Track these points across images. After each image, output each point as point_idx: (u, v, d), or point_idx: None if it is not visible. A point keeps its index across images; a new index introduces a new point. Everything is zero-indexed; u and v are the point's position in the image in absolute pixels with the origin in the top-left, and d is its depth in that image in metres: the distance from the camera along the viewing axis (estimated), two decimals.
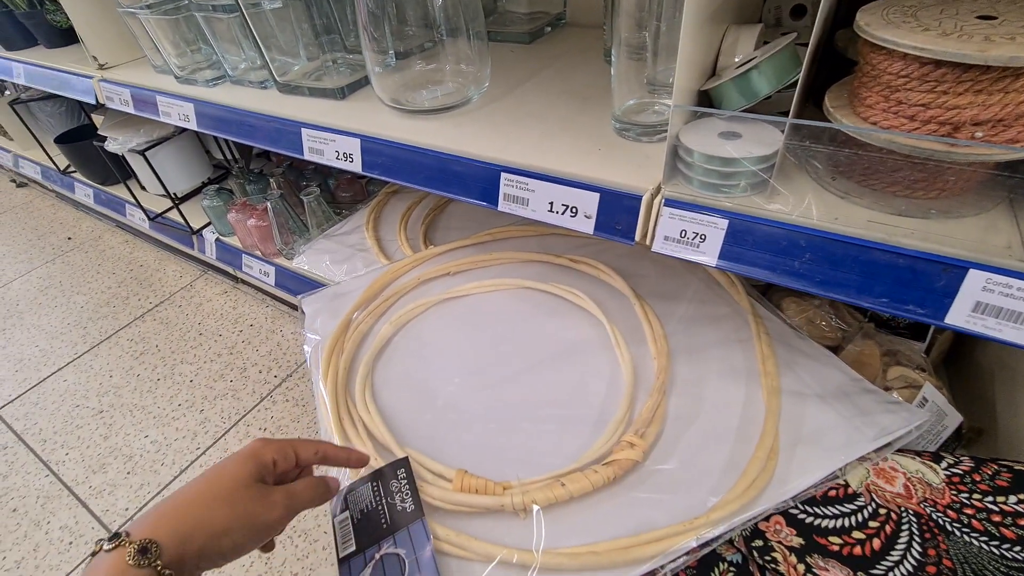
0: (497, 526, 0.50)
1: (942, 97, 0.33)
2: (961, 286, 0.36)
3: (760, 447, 0.50)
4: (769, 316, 0.65)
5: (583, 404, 0.60)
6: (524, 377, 0.65)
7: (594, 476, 0.50)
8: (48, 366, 1.27)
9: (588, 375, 0.64)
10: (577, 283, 0.75)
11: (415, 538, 0.47)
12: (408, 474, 0.52)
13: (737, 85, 0.44)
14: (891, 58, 0.34)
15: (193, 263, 1.52)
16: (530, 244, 0.86)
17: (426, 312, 0.77)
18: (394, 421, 0.62)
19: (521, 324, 0.72)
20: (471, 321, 0.74)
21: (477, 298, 0.78)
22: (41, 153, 1.67)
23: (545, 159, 0.53)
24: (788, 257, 0.41)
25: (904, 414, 0.50)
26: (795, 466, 0.49)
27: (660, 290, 0.73)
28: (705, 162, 0.42)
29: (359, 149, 0.65)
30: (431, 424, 0.61)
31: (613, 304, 0.71)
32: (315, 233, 1.08)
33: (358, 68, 0.76)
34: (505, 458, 0.56)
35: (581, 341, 0.68)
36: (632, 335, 0.67)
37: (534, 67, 0.75)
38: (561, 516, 0.50)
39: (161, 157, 1.21)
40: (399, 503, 0.50)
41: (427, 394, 0.65)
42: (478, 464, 0.55)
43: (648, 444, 0.53)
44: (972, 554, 0.40)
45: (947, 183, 0.36)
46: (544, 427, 0.59)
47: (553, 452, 0.56)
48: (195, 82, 0.85)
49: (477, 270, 0.82)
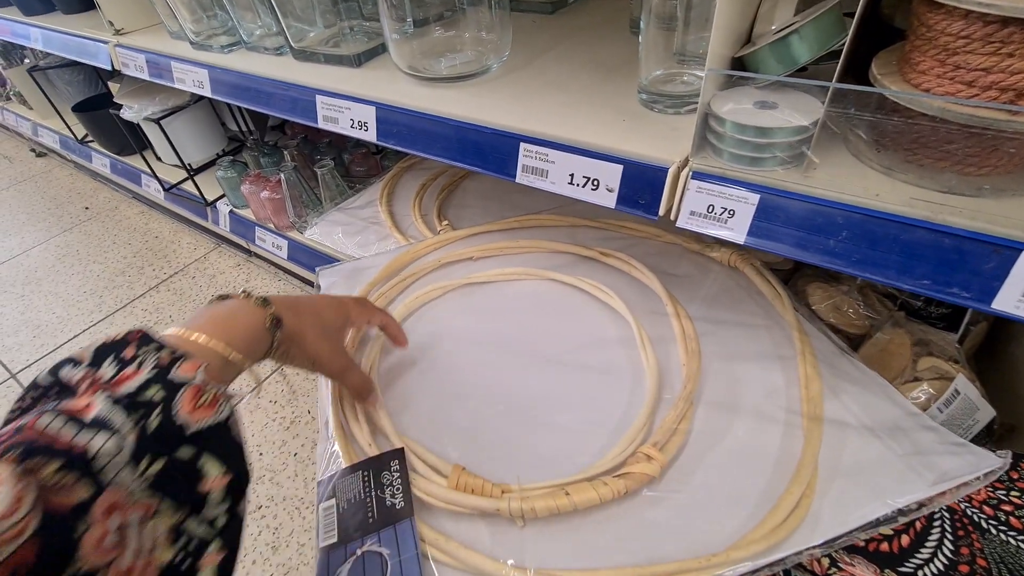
0: (491, 531, 0.46)
1: (1007, 60, 0.30)
2: (1012, 269, 0.33)
3: (795, 481, 0.44)
4: (815, 333, 0.59)
5: (601, 408, 0.55)
6: (540, 373, 0.61)
7: (602, 488, 0.45)
8: (64, 332, 1.28)
9: (610, 377, 0.59)
10: (606, 278, 0.70)
11: (401, 538, 0.44)
12: (402, 467, 0.49)
13: (775, 51, 0.42)
14: (951, 17, 0.31)
15: (207, 235, 1.52)
16: (559, 234, 0.81)
17: (444, 296, 0.73)
18: (396, 406, 0.58)
19: (542, 317, 0.68)
20: (490, 309, 0.70)
21: (498, 286, 0.74)
22: (59, 122, 1.68)
23: (566, 129, 0.50)
24: (823, 235, 0.39)
25: (970, 457, 0.43)
26: (834, 507, 0.42)
27: (694, 293, 0.67)
28: (738, 132, 0.40)
29: (374, 117, 0.63)
30: (435, 413, 0.58)
31: (643, 303, 0.66)
32: (329, 206, 1.06)
33: (375, 35, 0.74)
34: (510, 458, 0.52)
35: (605, 340, 0.63)
36: (661, 337, 0.61)
37: (556, 37, 0.72)
38: (561, 530, 0.45)
39: (176, 126, 1.20)
40: (389, 498, 0.47)
41: (435, 381, 0.61)
42: (480, 461, 0.51)
43: (667, 459, 0.48)
44: (1009, 553, 0.38)
45: (1003, 157, 0.33)
46: (556, 429, 0.54)
47: (563, 457, 0.51)
48: (210, 48, 0.83)
49: (501, 256, 0.78)
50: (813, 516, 0.42)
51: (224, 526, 0.31)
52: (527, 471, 0.50)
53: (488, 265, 0.76)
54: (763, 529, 0.41)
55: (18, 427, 0.26)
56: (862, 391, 0.52)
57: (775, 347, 0.58)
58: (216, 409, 0.32)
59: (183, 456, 0.30)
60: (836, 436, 0.48)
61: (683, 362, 0.57)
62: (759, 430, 0.51)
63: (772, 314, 0.62)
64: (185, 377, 0.32)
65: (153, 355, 0.32)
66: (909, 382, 0.54)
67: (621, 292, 0.66)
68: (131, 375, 0.31)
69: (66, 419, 0.27)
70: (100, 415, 0.28)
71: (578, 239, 0.78)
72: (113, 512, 0.27)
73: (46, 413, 0.27)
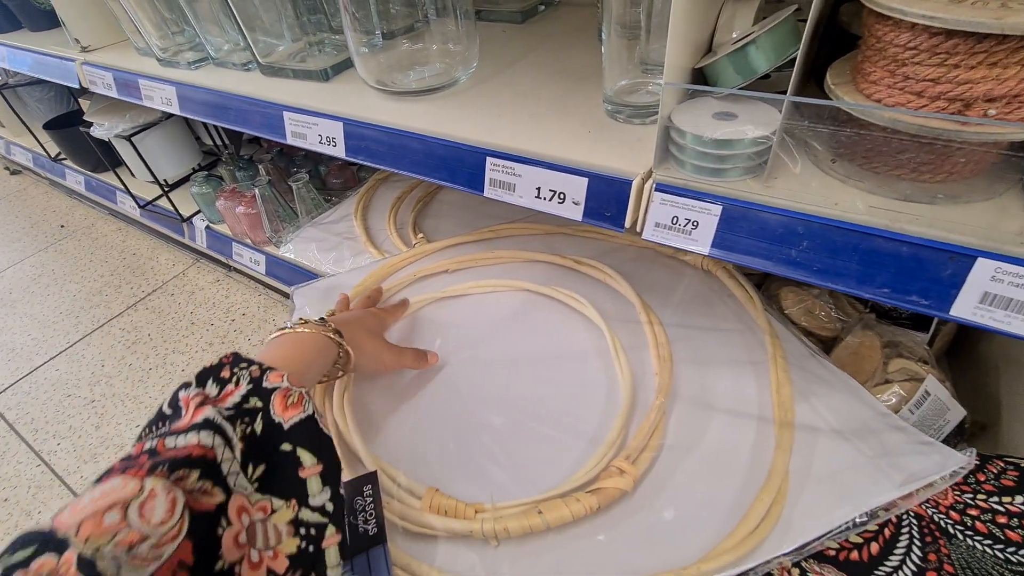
0: (466, 552, 0.46)
1: (953, 71, 0.30)
2: (968, 276, 0.34)
3: (766, 489, 0.44)
4: (787, 336, 0.59)
5: (576, 419, 0.55)
6: (516, 387, 0.60)
7: (575, 505, 0.45)
8: (40, 355, 1.26)
9: (585, 388, 0.58)
10: (580, 287, 0.70)
11: (374, 565, 0.43)
12: (374, 492, 0.48)
13: (733, 61, 0.42)
14: (898, 28, 0.31)
15: (186, 251, 1.50)
16: (534, 242, 0.81)
17: (419, 311, 0.73)
18: (370, 424, 0.58)
19: (517, 329, 0.68)
20: (465, 324, 0.70)
21: (474, 299, 0.73)
22: (31, 139, 1.65)
23: (532, 142, 0.50)
24: (785, 245, 0.39)
25: (937, 457, 0.44)
26: (805, 512, 0.43)
27: (667, 298, 0.67)
28: (698, 144, 0.40)
29: (342, 133, 0.62)
30: (409, 431, 0.57)
31: (617, 311, 0.66)
32: (304, 220, 1.05)
33: (343, 49, 0.74)
34: (485, 475, 0.52)
35: (580, 350, 0.63)
36: (635, 346, 0.61)
37: (526, 47, 0.72)
38: (537, 548, 0.45)
39: (149, 143, 1.19)
40: (361, 523, 0.46)
41: (409, 399, 0.61)
42: (455, 479, 0.50)
43: (640, 472, 0.48)
44: (975, 559, 0.38)
45: (956, 165, 0.34)
46: (531, 442, 0.54)
47: (538, 471, 0.51)
48: (177, 64, 0.82)
49: (476, 268, 0.78)
50: (784, 523, 0.42)
51: (332, 512, 0.36)
52: (502, 487, 0.50)
53: (463, 277, 0.76)
54: (734, 539, 0.41)
55: (150, 449, 0.31)
56: (832, 393, 0.52)
57: (747, 351, 0.58)
58: (303, 407, 0.38)
59: (284, 449, 0.35)
60: (807, 440, 0.49)
61: (656, 371, 0.57)
62: (731, 437, 0.51)
63: (744, 318, 0.62)
64: (275, 383, 0.38)
65: (246, 371, 0.38)
66: (880, 384, 0.54)
67: (595, 301, 0.66)
68: (232, 391, 0.37)
69: (189, 433, 0.32)
70: (215, 425, 0.33)
71: (553, 247, 0.78)
72: (242, 512, 0.31)
73: (169, 435, 0.32)
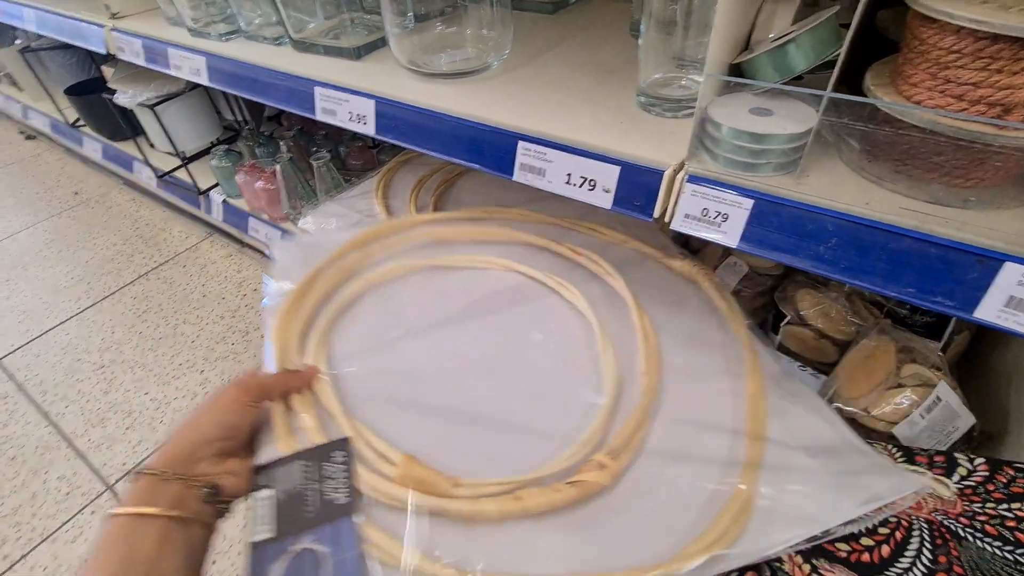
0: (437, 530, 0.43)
1: (995, 76, 0.31)
2: (995, 279, 0.34)
3: (733, 499, 0.45)
4: (765, 352, 0.59)
5: (558, 409, 0.54)
6: (499, 369, 0.58)
7: (555, 495, 0.43)
8: (51, 319, 1.27)
9: (570, 379, 0.57)
10: (574, 276, 0.68)
11: (343, 536, 0.41)
12: (347, 459, 0.45)
13: (772, 58, 0.42)
14: (943, 32, 0.32)
15: (199, 224, 1.51)
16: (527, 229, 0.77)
17: (406, 277, 0.69)
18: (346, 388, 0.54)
19: (506, 311, 0.65)
20: (453, 297, 0.67)
21: (464, 274, 0.70)
22: (50, 104, 1.65)
23: (565, 129, 0.51)
24: (813, 241, 0.40)
25: (897, 479, 0.44)
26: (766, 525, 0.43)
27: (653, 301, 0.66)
28: (733, 137, 0.41)
29: (373, 111, 0.63)
30: (386, 400, 0.54)
31: (608, 307, 0.65)
32: (323, 199, 1.06)
33: (375, 28, 0.74)
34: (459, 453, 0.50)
35: (567, 340, 0.61)
36: (623, 343, 0.60)
37: (557, 37, 0.72)
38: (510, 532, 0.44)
39: (171, 113, 1.19)
40: (331, 491, 0.43)
41: (388, 365, 0.58)
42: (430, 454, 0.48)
43: (621, 468, 0.47)
44: (984, 560, 0.39)
45: (989, 170, 0.34)
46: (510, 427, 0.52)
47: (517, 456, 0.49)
48: (208, 35, 0.83)
49: (471, 244, 0.75)
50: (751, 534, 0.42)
51: None
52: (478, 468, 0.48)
53: (457, 251, 0.73)
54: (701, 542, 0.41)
55: None
56: (803, 412, 0.52)
57: (727, 363, 0.57)
58: None
59: None
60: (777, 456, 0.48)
61: (643, 371, 0.56)
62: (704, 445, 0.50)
63: (726, 329, 0.61)
64: None
65: None
66: (893, 388, 0.55)
67: (587, 293, 0.64)
68: None
69: None
70: None
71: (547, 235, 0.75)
72: None
73: None
